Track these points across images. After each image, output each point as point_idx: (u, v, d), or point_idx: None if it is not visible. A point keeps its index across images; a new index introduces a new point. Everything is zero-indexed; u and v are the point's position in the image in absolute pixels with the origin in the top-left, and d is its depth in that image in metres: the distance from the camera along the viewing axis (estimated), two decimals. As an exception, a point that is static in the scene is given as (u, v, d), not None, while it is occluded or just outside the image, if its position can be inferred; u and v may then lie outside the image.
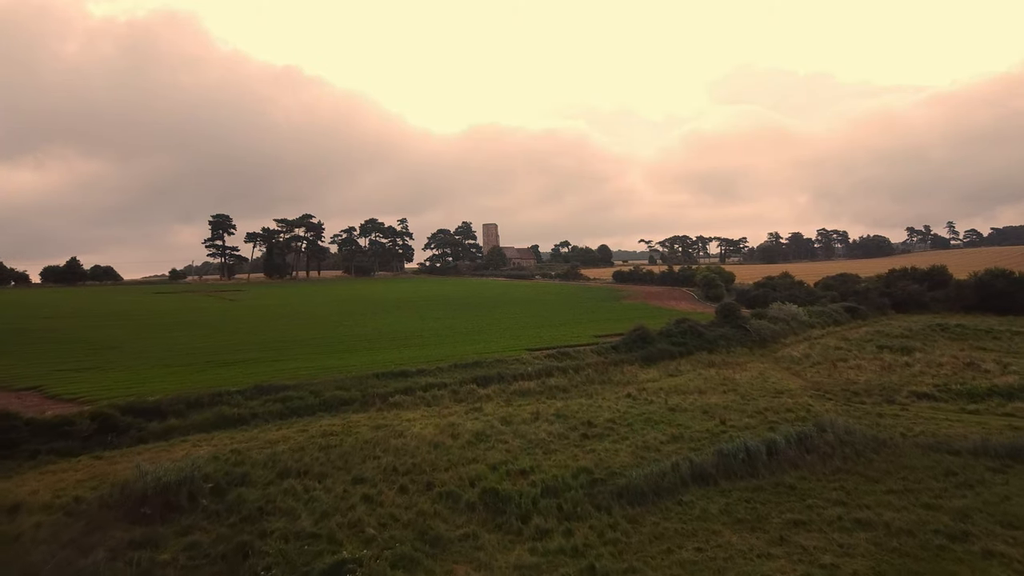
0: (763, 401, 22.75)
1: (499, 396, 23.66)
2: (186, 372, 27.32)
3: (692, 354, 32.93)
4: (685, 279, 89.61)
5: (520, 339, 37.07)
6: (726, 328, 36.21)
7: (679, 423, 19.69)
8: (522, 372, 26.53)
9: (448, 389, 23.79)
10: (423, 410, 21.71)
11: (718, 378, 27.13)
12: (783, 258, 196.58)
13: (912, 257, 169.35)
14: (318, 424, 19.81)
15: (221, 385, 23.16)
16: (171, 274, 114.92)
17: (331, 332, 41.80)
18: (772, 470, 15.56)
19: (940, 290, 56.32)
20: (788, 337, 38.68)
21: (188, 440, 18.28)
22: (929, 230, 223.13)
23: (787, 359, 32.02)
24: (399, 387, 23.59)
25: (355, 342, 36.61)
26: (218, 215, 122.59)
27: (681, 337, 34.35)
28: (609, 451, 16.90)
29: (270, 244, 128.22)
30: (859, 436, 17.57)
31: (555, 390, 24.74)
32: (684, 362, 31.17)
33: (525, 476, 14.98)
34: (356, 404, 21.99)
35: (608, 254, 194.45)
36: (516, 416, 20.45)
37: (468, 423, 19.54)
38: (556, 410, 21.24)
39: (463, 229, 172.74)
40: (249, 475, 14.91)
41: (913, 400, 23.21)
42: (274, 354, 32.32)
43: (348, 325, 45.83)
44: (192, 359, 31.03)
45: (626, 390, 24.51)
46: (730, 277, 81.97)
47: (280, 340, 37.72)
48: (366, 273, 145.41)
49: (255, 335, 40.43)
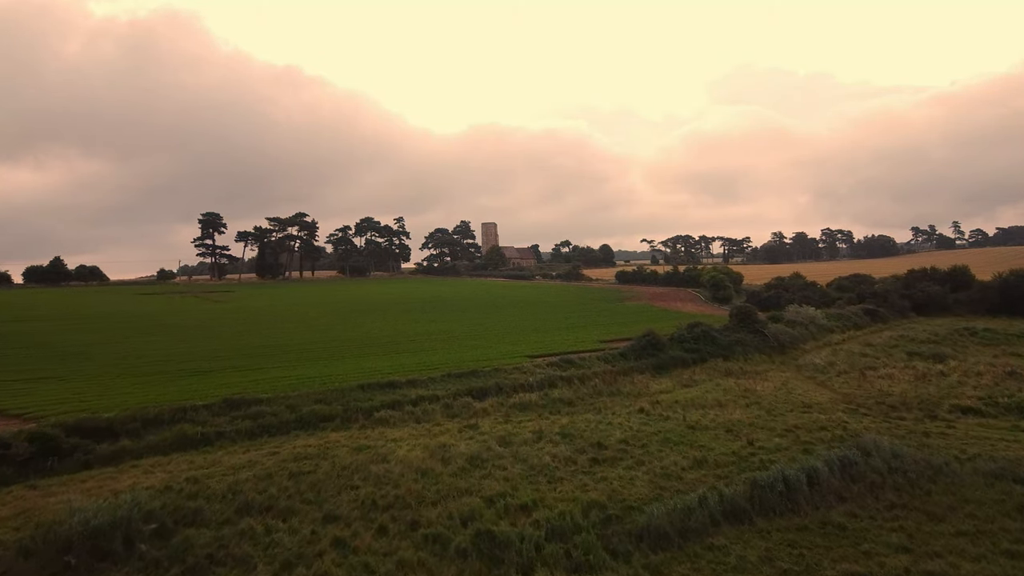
0: (792, 417, 20.71)
1: (497, 410, 21.62)
2: (154, 382, 25.28)
3: (706, 361, 30.89)
4: (691, 280, 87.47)
5: (520, 344, 35.05)
6: (742, 333, 34.17)
7: (701, 444, 17.66)
8: (523, 383, 24.49)
9: (440, 403, 21.75)
10: (411, 427, 19.66)
11: (738, 389, 25.10)
12: (787, 258, 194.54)
13: (919, 257, 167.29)
14: (292, 445, 17.78)
15: (188, 398, 21.14)
16: (159, 274, 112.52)
17: (319, 337, 39.77)
18: (815, 504, 13.52)
19: (962, 292, 54.30)
20: (807, 342, 36.65)
21: (140, 465, 16.24)
22: (934, 230, 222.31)
23: (810, 367, 29.98)
24: (386, 400, 21.55)
25: (343, 348, 34.58)
26: (208, 213, 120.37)
27: (694, 343, 32.31)
28: (624, 480, 14.87)
29: (262, 243, 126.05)
30: (909, 461, 15.54)
31: (559, 403, 22.70)
32: (699, 370, 29.14)
33: (527, 513, 12.94)
34: (337, 420, 19.95)
35: (610, 254, 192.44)
36: (516, 435, 18.41)
37: (462, 444, 17.50)
38: (561, 427, 19.21)
39: (461, 228, 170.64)
40: (203, 511, 12.88)
41: (958, 415, 21.17)
42: (254, 361, 30.29)
43: (338, 329, 43.80)
44: (165, 367, 29.00)
45: (638, 403, 22.46)
46: (738, 278, 79.96)
47: (263, 346, 35.68)
48: (361, 273, 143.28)
49: (237, 340, 38.39)
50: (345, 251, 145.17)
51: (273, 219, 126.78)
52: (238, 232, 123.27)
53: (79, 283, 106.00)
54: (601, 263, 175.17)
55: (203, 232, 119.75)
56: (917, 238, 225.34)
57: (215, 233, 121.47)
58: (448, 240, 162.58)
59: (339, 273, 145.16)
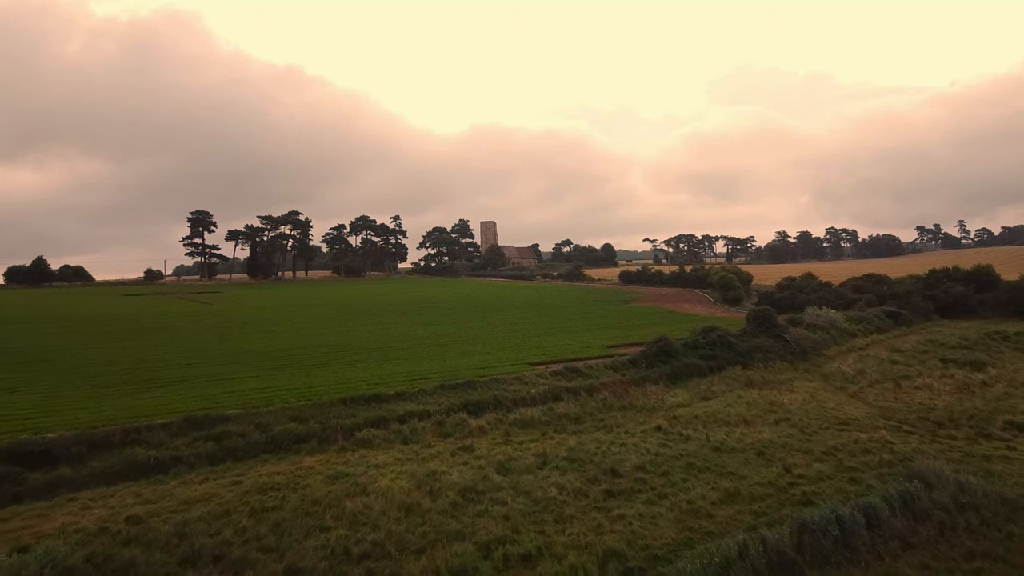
0: (829, 436, 18.60)
1: (495, 428, 19.51)
2: (116, 394, 23.15)
3: (724, 369, 28.80)
4: (698, 280, 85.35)
5: (521, 350, 32.94)
6: (761, 338, 32.02)
7: (730, 470, 15.55)
8: (524, 396, 22.36)
9: (432, 420, 19.63)
10: (398, 449, 17.54)
11: (762, 402, 23.00)
12: (791, 257, 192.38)
13: (928, 256, 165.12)
14: (258, 472, 15.66)
15: (146, 415, 19.02)
16: (147, 275, 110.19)
17: (305, 341, 37.65)
18: (877, 552, 11.42)
19: (987, 292, 52.18)
20: (830, 347, 34.53)
21: (78, 499, 14.11)
22: (940, 229, 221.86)
23: (838, 376, 27.88)
24: (370, 417, 19.43)
25: (329, 354, 32.46)
26: (198, 212, 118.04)
27: (710, 349, 30.18)
28: (645, 518, 12.76)
29: (254, 243, 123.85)
30: (979, 494, 13.41)
31: (565, 420, 20.58)
32: (716, 380, 27.03)
33: (531, 566, 10.84)
34: (313, 441, 17.83)
35: (612, 253, 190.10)
36: (517, 460, 16.30)
37: (454, 471, 15.38)
38: (568, 450, 17.11)
39: (460, 227, 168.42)
40: (135, 564, 10.76)
41: (1014, 433, 19.06)
42: (231, 370, 28.18)
43: (326, 333, 41.68)
44: (133, 376, 26.88)
45: (654, 420, 20.33)
46: (747, 278, 77.78)
47: (243, 352, 33.56)
48: (357, 274, 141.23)
49: (216, 345, 36.27)
50: (340, 251, 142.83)
51: (265, 217, 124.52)
52: (228, 231, 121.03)
53: (63, 283, 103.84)
54: (603, 263, 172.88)
55: (192, 231, 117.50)
56: (922, 237, 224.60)
57: (205, 232, 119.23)
58: (446, 239, 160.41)
59: (334, 273, 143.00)
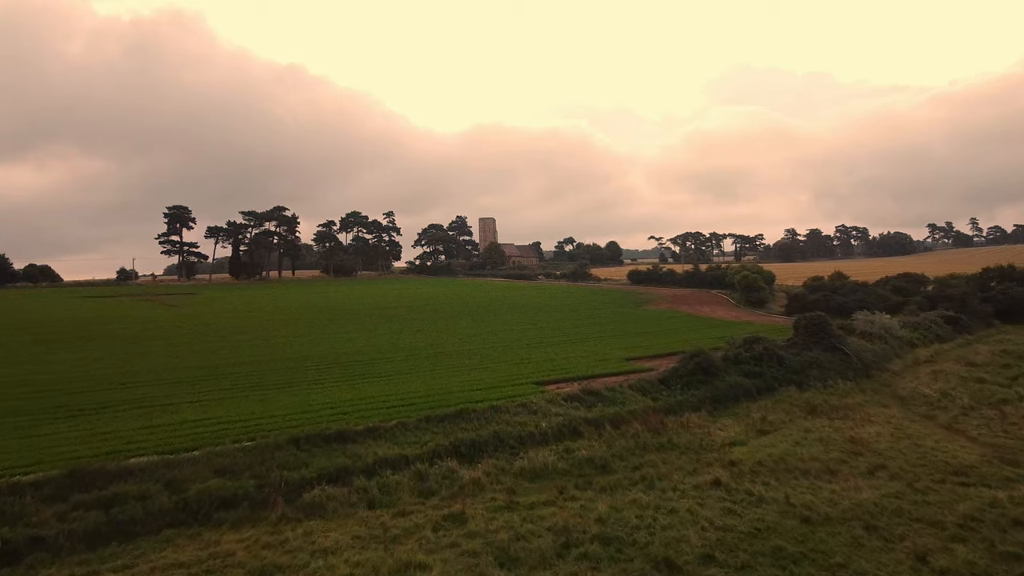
0: (950, 495, 14.03)
1: (496, 483, 14.92)
2: (7, 429, 18.60)
3: (775, 391, 24.29)
4: (714, 280, 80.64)
5: (526, 365, 28.40)
6: (815, 351, 27.40)
7: (838, 560, 10.99)
8: (533, 431, 17.77)
9: (410, 470, 15.04)
10: (359, 520, 12.94)
11: (838, 438, 18.44)
12: (801, 256, 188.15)
13: (942, 255, 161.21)
14: (150, 563, 11.08)
15: (22, 466, 14.46)
16: (119, 275, 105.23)
17: (272, 353, 33.11)
18: None
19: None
20: (892, 361, 29.98)
21: None
22: (951, 227, 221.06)
23: (918, 399, 23.32)
24: (328, 467, 14.85)
25: (297, 370, 27.92)
26: (175, 207, 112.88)
27: (755, 365, 25.61)
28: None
29: (236, 240, 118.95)
30: None
31: (589, 468, 16.00)
32: (769, 406, 22.44)
33: None
34: (243, 507, 13.26)
35: (618, 252, 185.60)
36: (527, 540, 11.73)
37: (436, 564, 10.81)
38: (599, 521, 12.53)
39: (458, 224, 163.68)
40: None
41: None
42: (169, 392, 23.65)
43: (301, 343, 37.10)
44: (41, 402, 22.34)
45: (707, 470, 15.73)
46: (770, 277, 73.19)
47: (196, 367, 29.01)
48: (347, 273, 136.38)
49: (166, 359, 31.69)
50: (329, 249, 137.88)
51: (248, 213, 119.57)
52: (207, 227, 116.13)
53: (27, 284, 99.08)
54: (608, 262, 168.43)
55: (169, 227, 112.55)
56: (934, 235, 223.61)
57: (183, 228, 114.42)
58: (443, 236, 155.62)
59: (322, 273, 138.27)
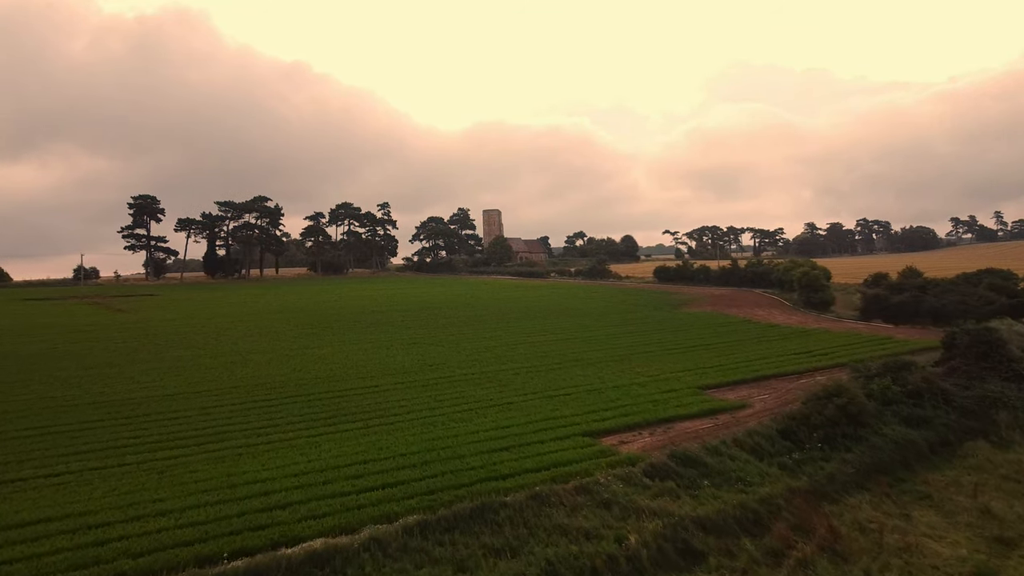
0: None
1: None
2: None
3: (955, 448, 16.60)
4: (756, 278, 72.86)
5: (565, 399, 20.76)
6: (992, 381, 19.61)
7: None
8: (615, 557, 10.05)
9: None
10: None
11: None
12: (821, 251, 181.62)
13: (968, 251, 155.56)
14: None
15: None
16: (75, 273, 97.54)
17: (215, 378, 25.56)
18: None
19: None
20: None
21: None
22: (975, 220, 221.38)
23: None
24: None
25: (236, 414, 20.29)
26: (141, 196, 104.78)
27: (915, 406, 17.87)
28: None
29: (212, 234, 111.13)
30: None
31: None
32: (963, 474, 14.77)
33: None
34: None
35: (634, 247, 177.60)
36: None
37: None
38: None
39: (459, 216, 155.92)
40: None
41: None
42: (24, 450, 16.01)
43: (258, 362, 29.48)
44: None
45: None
46: (828, 275, 65.29)
47: (91, 403, 21.51)
48: (338, 271, 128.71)
49: (63, 388, 24.10)
50: (318, 244, 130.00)
51: (225, 204, 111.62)
52: (178, 220, 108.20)
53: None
54: (624, 257, 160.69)
55: (134, 220, 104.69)
56: (957, 230, 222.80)
57: (151, 221, 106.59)
58: (443, 230, 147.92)
59: (310, 271, 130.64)
